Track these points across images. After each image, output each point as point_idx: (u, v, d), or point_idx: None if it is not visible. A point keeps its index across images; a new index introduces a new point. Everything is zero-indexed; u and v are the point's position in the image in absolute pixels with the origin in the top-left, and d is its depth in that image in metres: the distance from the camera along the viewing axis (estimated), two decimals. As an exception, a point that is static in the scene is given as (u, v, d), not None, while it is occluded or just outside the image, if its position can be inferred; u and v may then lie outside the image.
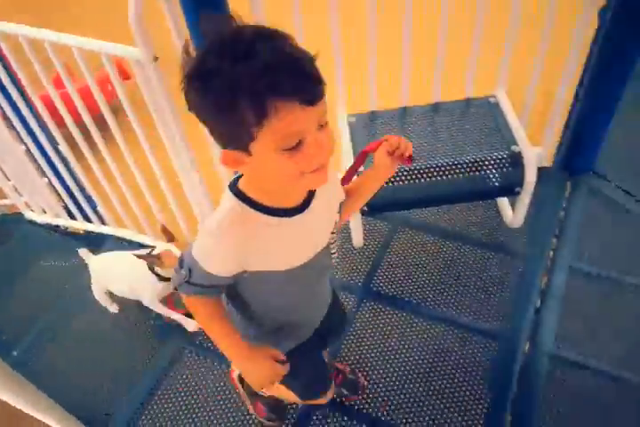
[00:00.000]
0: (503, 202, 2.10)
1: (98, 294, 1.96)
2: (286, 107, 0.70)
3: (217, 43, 0.72)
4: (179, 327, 1.86)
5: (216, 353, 1.77)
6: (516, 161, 1.85)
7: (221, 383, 1.72)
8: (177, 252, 1.69)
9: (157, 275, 1.74)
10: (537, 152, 2.17)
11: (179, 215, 2.05)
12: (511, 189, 1.89)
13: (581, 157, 2.22)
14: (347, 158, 1.88)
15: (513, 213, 1.98)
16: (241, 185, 0.87)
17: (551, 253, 1.94)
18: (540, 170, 2.22)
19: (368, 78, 1.95)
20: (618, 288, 1.84)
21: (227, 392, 1.70)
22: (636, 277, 1.86)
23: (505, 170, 1.84)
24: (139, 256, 1.70)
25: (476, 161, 1.86)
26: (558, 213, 2.07)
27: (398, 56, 1.90)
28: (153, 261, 1.68)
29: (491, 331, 1.75)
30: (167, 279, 1.74)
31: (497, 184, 1.87)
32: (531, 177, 1.82)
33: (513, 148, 1.87)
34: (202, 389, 1.72)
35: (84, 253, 1.98)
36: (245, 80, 0.69)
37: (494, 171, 1.86)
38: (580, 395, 1.59)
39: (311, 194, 0.91)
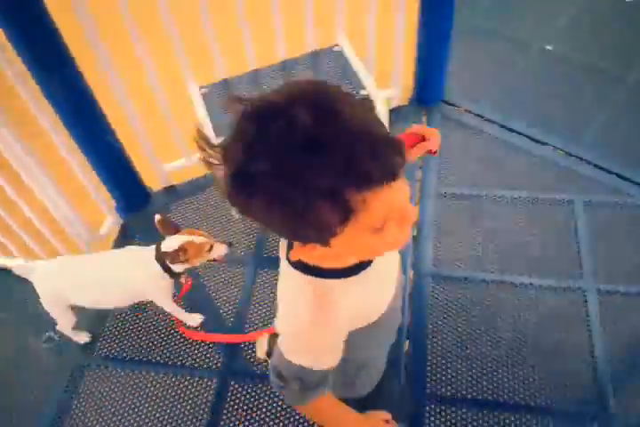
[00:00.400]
0: (367, 145, 2.21)
1: (58, 312, 1.65)
2: (374, 194, 0.57)
3: (262, 128, 0.55)
4: (73, 343, 1.76)
5: (117, 361, 1.74)
6: (368, 105, 1.95)
7: (129, 389, 1.68)
8: (198, 239, 1.53)
9: (171, 272, 1.56)
10: (387, 93, 2.30)
11: (45, 230, 1.93)
12: (370, 132, 2.00)
13: (430, 90, 2.37)
14: (208, 133, 1.87)
15: (377, 154, 2.10)
16: (301, 255, 0.71)
17: (418, 184, 2.10)
18: (397, 109, 2.39)
19: (211, 46, 1.93)
20: (479, 202, 2.04)
21: (138, 397, 1.66)
22: (493, 188, 2.06)
23: (360, 115, 1.94)
24: (162, 254, 1.50)
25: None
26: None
27: (235, 21, 1.89)
28: (177, 255, 1.49)
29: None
30: (179, 275, 1.60)
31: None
32: (382, 117, 1.94)
33: (361, 92, 1.97)
34: (112, 400, 1.66)
35: (20, 267, 1.64)
36: (322, 179, 0.54)
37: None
38: (461, 303, 1.78)
39: None
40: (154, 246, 1.56)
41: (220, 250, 1.57)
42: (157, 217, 1.57)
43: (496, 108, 2.36)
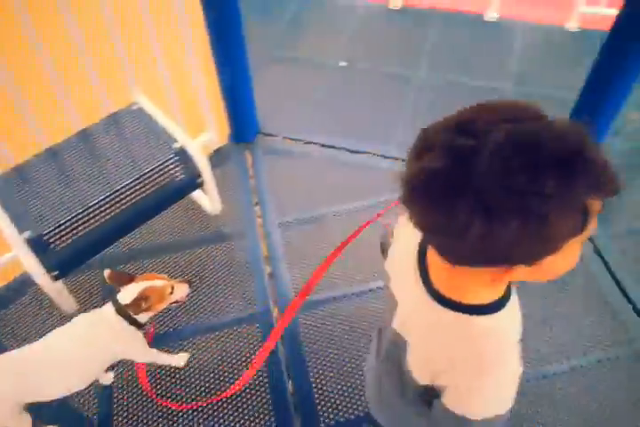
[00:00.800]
0: (197, 195, 2.17)
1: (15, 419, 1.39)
2: (601, 203, 0.60)
3: (526, 150, 0.55)
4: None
5: None
6: (185, 156, 1.92)
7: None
8: (157, 283, 1.43)
9: (137, 324, 1.42)
10: (204, 137, 2.29)
11: None
12: (194, 182, 1.96)
13: (245, 125, 2.41)
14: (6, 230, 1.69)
15: (209, 201, 2.07)
16: (447, 291, 0.70)
17: (259, 219, 2.11)
18: (218, 150, 2.39)
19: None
20: (322, 222, 2.10)
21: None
22: (331, 205, 2.13)
23: (179, 167, 1.90)
24: (122, 308, 1.38)
25: (152, 170, 1.87)
26: (249, 181, 2.24)
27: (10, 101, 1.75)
28: (140, 304, 1.37)
29: (248, 316, 1.85)
30: (144, 325, 1.45)
31: (180, 183, 1.91)
32: (203, 165, 1.91)
33: (174, 145, 1.93)
34: None
35: None
36: (580, 193, 0.56)
37: (172, 172, 1.89)
38: (327, 324, 1.81)
39: None
40: (109, 303, 1.41)
41: (182, 291, 1.50)
42: (106, 272, 1.43)
43: (312, 129, 2.46)
